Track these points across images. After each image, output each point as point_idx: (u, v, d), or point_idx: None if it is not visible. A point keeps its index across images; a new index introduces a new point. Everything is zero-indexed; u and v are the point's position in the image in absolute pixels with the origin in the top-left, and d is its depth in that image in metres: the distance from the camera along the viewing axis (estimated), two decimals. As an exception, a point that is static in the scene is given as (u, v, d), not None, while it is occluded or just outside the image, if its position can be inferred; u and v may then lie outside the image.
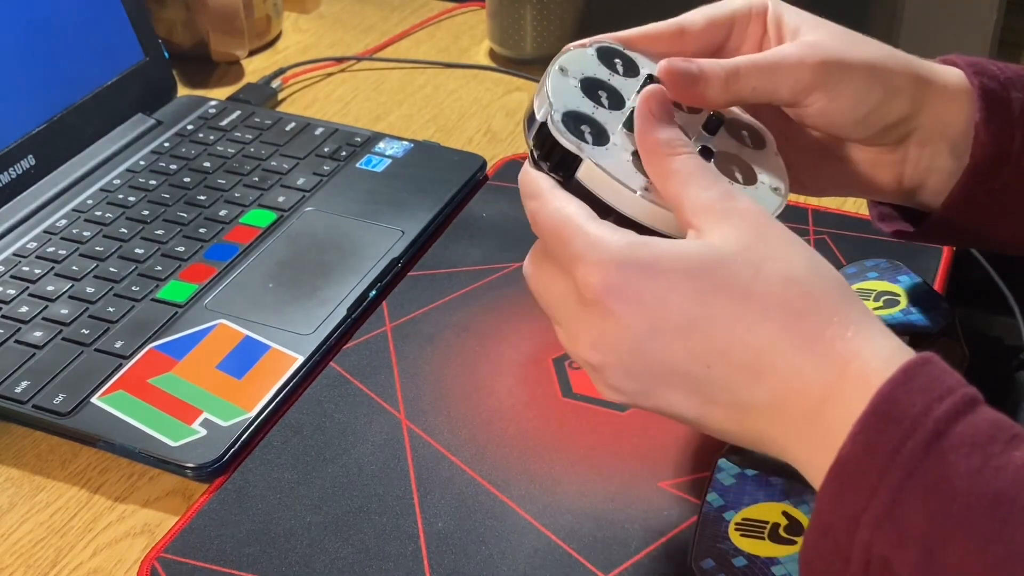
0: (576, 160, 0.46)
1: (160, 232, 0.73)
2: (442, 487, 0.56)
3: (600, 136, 0.46)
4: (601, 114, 0.48)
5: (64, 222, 0.74)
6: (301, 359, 0.63)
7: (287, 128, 0.84)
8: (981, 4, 1.54)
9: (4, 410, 0.60)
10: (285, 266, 0.70)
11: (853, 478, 0.38)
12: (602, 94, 0.49)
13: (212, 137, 0.83)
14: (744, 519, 0.51)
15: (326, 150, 0.82)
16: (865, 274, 0.63)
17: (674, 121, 0.47)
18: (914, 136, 0.52)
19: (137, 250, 0.71)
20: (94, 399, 0.60)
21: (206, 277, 0.69)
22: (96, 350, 0.63)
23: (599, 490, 0.55)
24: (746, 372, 0.41)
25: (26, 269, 0.70)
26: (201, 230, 0.73)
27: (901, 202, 0.56)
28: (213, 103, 0.88)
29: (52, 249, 0.72)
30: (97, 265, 0.70)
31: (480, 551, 0.52)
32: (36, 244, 0.72)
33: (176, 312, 0.66)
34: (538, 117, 0.47)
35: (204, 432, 0.58)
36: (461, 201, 0.77)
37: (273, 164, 0.80)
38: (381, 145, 0.83)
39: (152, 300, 0.67)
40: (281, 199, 0.76)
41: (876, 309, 0.60)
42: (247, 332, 0.65)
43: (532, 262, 0.47)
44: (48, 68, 0.78)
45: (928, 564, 0.37)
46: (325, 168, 0.80)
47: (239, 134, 0.83)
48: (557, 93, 0.47)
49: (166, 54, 0.88)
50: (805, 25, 0.52)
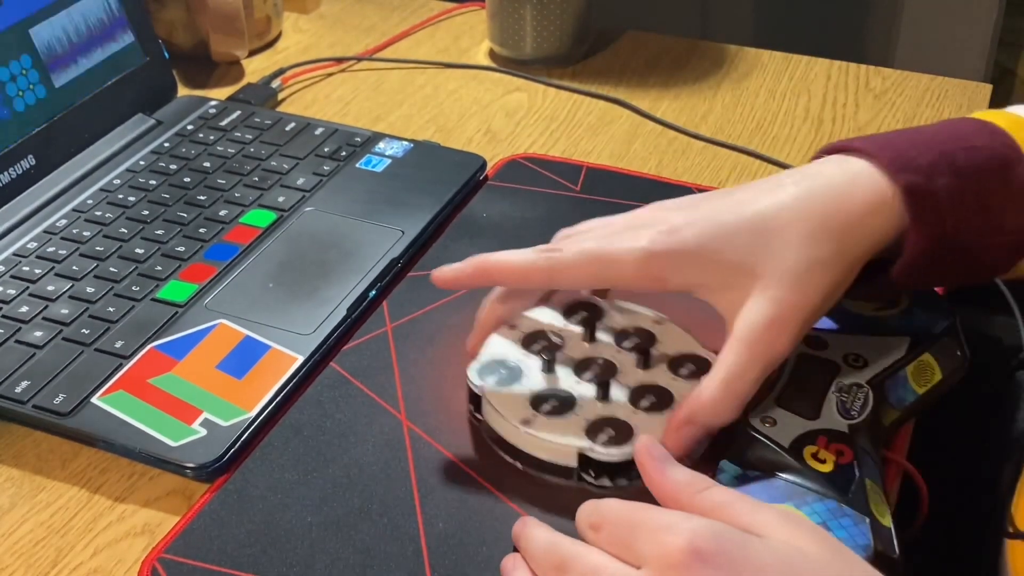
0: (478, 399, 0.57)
1: (160, 232, 0.73)
2: (443, 488, 0.56)
3: (513, 376, 0.57)
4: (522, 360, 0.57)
5: (64, 222, 0.74)
6: (301, 359, 0.63)
7: (287, 128, 0.84)
8: (981, 4, 1.54)
9: (4, 410, 0.60)
10: (285, 266, 0.70)
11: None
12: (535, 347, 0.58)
13: (212, 137, 0.83)
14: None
15: (326, 150, 0.82)
16: (866, 274, 0.63)
17: (675, 464, 0.50)
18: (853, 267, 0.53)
19: (137, 250, 0.71)
20: (94, 399, 0.60)
21: (206, 277, 0.69)
22: (96, 350, 0.63)
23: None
24: None
25: (26, 269, 0.70)
26: (201, 230, 0.73)
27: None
28: (213, 103, 0.88)
29: (52, 249, 0.72)
30: (97, 265, 0.70)
31: (481, 552, 0.52)
32: (36, 244, 0.72)
33: (176, 312, 0.66)
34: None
35: (204, 432, 0.58)
36: (461, 201, 0.77)
37: (273, 164, 0.80)
38: (381, 145, 0.83)
39: (152, 300, 0.67)
40: (281, 199, 0.76)
41: (877, 310, 0.60)
42: (247, 332, 0.65)
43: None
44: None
45: None
46: (325, 168, 0.80)
47: (239, 134, 0.83)
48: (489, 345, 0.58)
49: (166, 54, 0.88)
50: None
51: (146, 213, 0.75)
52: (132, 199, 0.76)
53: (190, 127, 0.84)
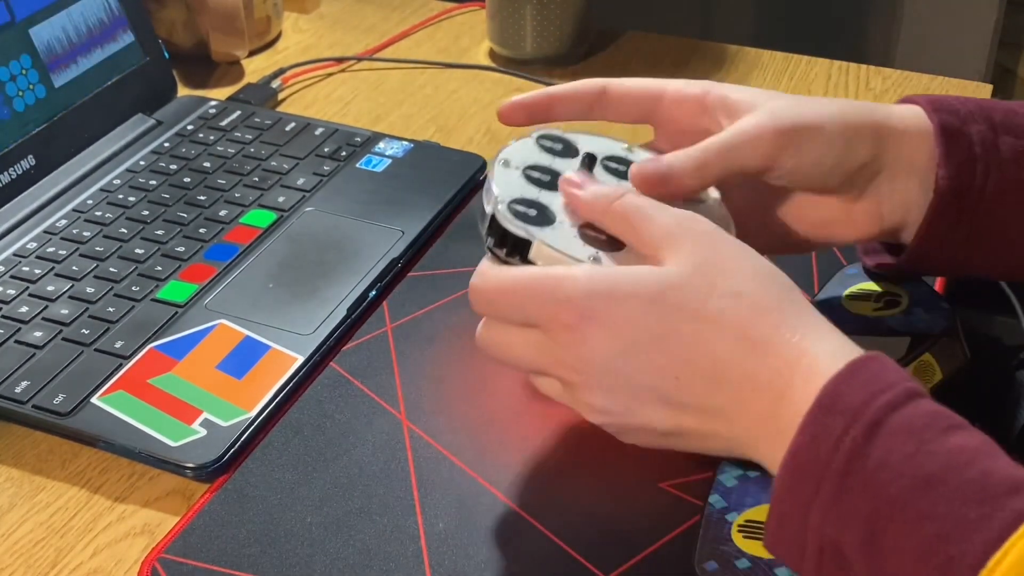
0: (526, 243, 0.50)
1: (160, 232, 0.73)
2: (443, 488, 0.56)
3: (546, 217, 0.51)
4: (545, 196, 0.52)
5: (64, 222, 0.74)
6: (301, 359, 0.63)
7: (287, 128, 0.84)
8: (981, 4, 1.54)
9: (4, 410, 0.60)
10: (285, 266, 0.70)
11: (803, 468, 0.42)
12: (545, 177, 0.53)
13: (212, 137, 0.83)
14: (747, 521, 0.51)
15: (326, 150, 0.82)
16: (866, 275, 0.63)
17: (596, 180, 0.51)
18: (883, 176, 0.55)
19: (137, 250, 0.71)
20: (94, 399, 0.60)
21: (206, 277, 0.69)
22: (96, 350, 0.63)
23: (600, 491, 0.55)
24: (708, 381, 0.45)
25: (26, 269, 0.70)
26: (201, 230, 0.73)
27: (887, 240, 0.58)
28: (213, 103, 0.88)
29: (52, 249, 0.72)
30: (97, 265, 0.70)
31: (481, 552, 0.52)
32: (36, 244, 0.72)
33: (176, 312, 0.66)
34: (487, 210, 0.51)
35: (204, 432, 0.58)
36: (461, 201, 0.77)
37: (273, 164, 0.80)
38: (381, 145, 0.82)
39: (152, 300, 0.67)
40: (281, 199, 0.76)
41: (877, 310, 0.60)
42: (247, 332, 0.65)
43: (487, 329, 0.51)
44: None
45: (871, 544, 0.40)
46: (325, 168, 0.80)
47: (239, 134, 0.83)
48: (501, 184, 0.52)
49: (166, 54, 0.88)
50: (754, 99, 0.54)
51: (146, 213, 0.75)
52: (132, 199, 0.76)
53: (190, 127, 0.84)
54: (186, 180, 0.78)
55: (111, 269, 0.70)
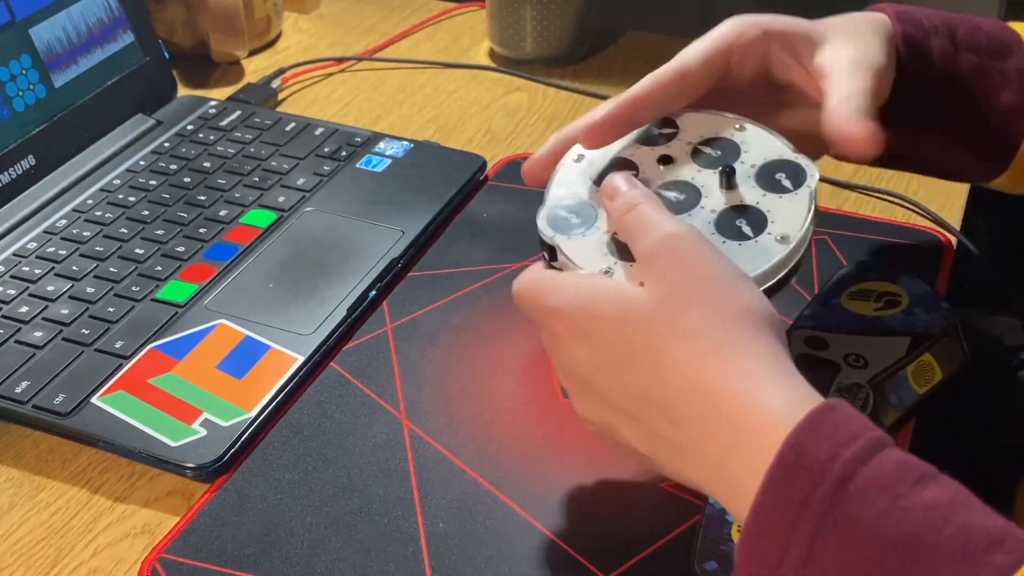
0: (555, 249, 0.50)
1: (160, 232, 0.73)
2: (443, 488, 0.56)
3: (585, 221, 0.51)
4: (598, 196, 0.51)
5: (64, 222, 0.74)
6: (301, 359, 0.63)
7: (287, 128, 0.84)
8: (981, 4, 1.54)
9: (4, 410, 0.60)
10: (285, 266, 0.70)
11: (768, 531, 0.39)
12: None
13: (212, 137, 0.83)
14: (745, 519, 0.51)
15: (326, 150, 0.82)
16: (866, 274, 0.63)
17: (637, 183, 0.50)
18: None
19: (137, 250, 0.71)
20: (94, 399, 0.60)
21: (206, 277, 0.69)
22: (96, 350, 0.63)
23: (600, 490, 0.55)
24: (666, 415, 0.44)
25: (26, 269, 0.70)
26: (201, 230, 0.73)
27: None
28: (213, 103, 0.87)
29: (52, 249, 0.72)
30: (97, 265, 0.70)
31: (481, 552, 0.52)
32: (36, 244, 0.72)
33: (176, 312, 0.66)
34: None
35: (204, 432, 0.58)
36: (461, 201, 0.77)
37: (273, 164, 0.80)
38: (381, 145, 0.82)
39: (152, 300, 0.67)
40: (281, 199, 0.76)
41: (877, 310, 0.60)
42: (247, 332, 0.65)
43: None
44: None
45: None
46: (325, 168, 0.79)
47: (239, 134, 0.83)
48: (557, 184, 0.53)
49: (166, 54, 0.88)
50: (814, 30, 0.55)
51: (146, 213, 0.75)
52: (132, 199, 0.76)
53: (190, 127, 0.84)
54: (186, 180, 0.78)
55: (111, 269, 0.70)
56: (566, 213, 0.51)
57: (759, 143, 0.53)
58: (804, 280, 0.68)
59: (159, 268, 0.70)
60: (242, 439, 0.58)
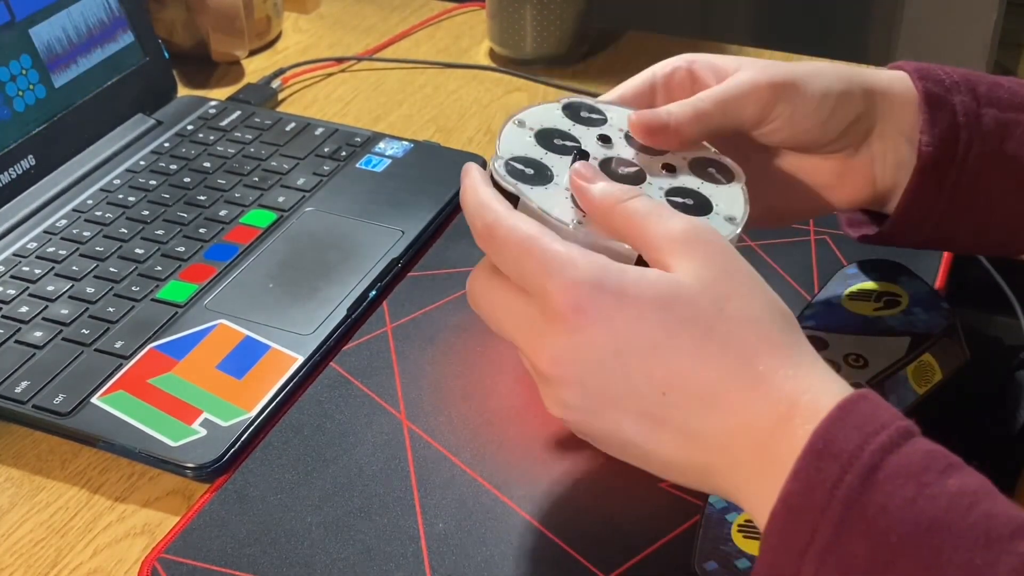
0: (515, 199, 0.49)
1: (160, 232, 0.73)
2: (443, 488, 0.56)
3: (543, 176, 0.50)
4: (550, 158, 0.51)
5: (64, 222, 0.74)
6: (301, 359, 0.63)
7: (287, 128, 0.84)
8: (981, 4, 1.54)
9: (4, 410, 0.60)
10: (285, 266, 0.70)
11: (796, 514, 0.40)
12: (557, 142, 0.52)
13: (212, 137, 0.83)
14: (747, 521, 0.51)
15: (326, 150, 0.82)
16: (866, 275, 0.63)
17: (606, 179, 0.49)
18: (875, 134, 0.55)
19: (137, 250, 0.71)
20: (94, 399, 0.60)
21: (206, 277, 0.69)
22: (96, 350, 0.63)
23: (600, 490, 0.55)
24: (700, 401, 0.43)
25: (26, 269, 0.70)
26: (201, 230, 0.73)
27: (876, 208, 0.58)
28: (213, 103, 0.88)
29: (52, 249, 0.72)
30: (97, 265, 0.70)
31: (481, 552, 0.52)
32: (36, 244, 0.72)
33: (176, 312, 0.66)
34: (488, 165, 0.51)
35: (204, 432, 0.58)
36: (461, 201, 0.77)
37: (273, 164, 0.80)
38: (381, 145, 0.83)
39: (152, 300, 0.67)
40: (281, 199, 0.76)
41: (877, 310, 0.60)
42: (247, 332, 0.65)
43: (480, 279, 0.49)
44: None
45: None
46: (325, 168, 0.80)
47: (239, 134, 0.83)
48: (506, 141, 0.52)
49: (166, 54, 0.88)
50: (740, 62, 0.55)
51: (146, 213, 0.75)
52: (132, 199, 0.76)
53: (190, 127, 0.84)
54: (186, 180, 0.78)
55: (111, 269, 0.70)
56: (521, 166, 0.50)
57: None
58: (804, 280, 0.68)
59: (159, 268, 0.70)
60: (242, 439, 0.58)
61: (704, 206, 0.51)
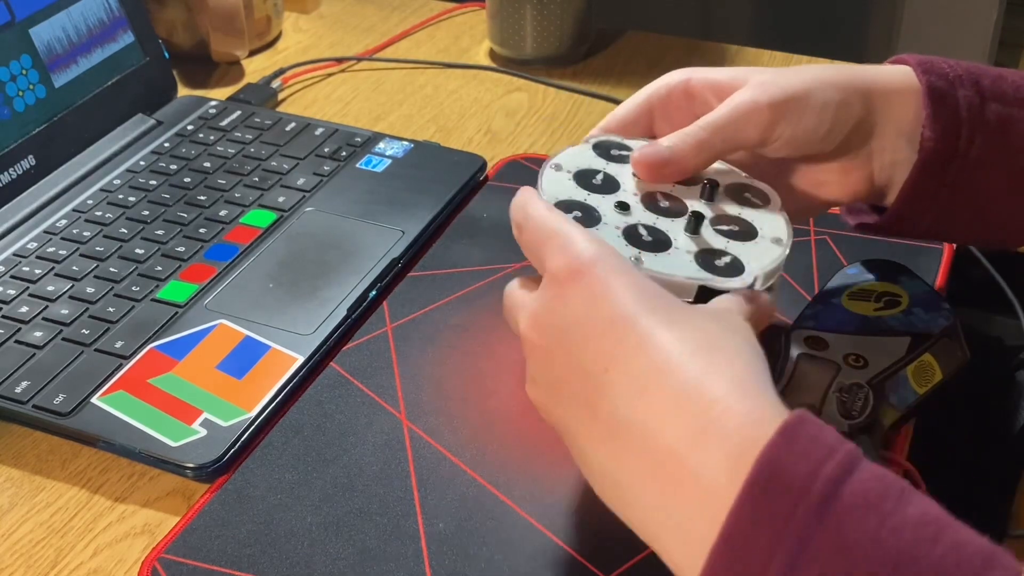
0: None
1: (160, 232, 0.73)
2: (443, 488, 0.56)
3: (591, 218, 0.51)
4: (593, 199, 0.52)
5: (64, 222, 0.74)
6: (301, 359, 0.63)
7: (287, 128, 0.84)
8: (981, 4, 1.54)
9: (4, 410, 0.60)
10: (285, 266, 0.70)
11: (742, 558, 0.36)
12: (596, 181, 0.53)
13: (212, 137, 0.83)
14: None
15: (326, 150, 0.82)
16: (866, 274, 0.63)
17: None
18: (874, 135, 0.55)
19: (137, 250, 0.71)
20: (94, 399, 0.60)
21: (206, 277, 0.69)
22: (96, 350, 0.63)
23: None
24: (636, 383, 0.41)
25: (26, 269, 0.70)
26: (201, 230, 0.73)
27: (874, 201, 0.58)
28: (213, 103, 0.88)
29: (52, 249, 0.72)
30: (97, 265, 0.70)
31: (481, 552, 0.52)
32: (36, 244, 0.72)
33: (176, 312, 0.66)
34: None
35: (204, 432, 0.58)
36: (461, 201, 0.77)
37: (273, 164, 0.80)
38: (381, 145, 0.83)
39: (152, 300, 0.67)
40: (281, 199, 0.76)
41: (877, 310, 0.60)
42: (247, 332, 0.65)
43: (514, 285, 0.50)
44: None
45: None
46: (325, 168, 0.80)
47: (239, 134, 0.83)
48: (548, 186, 0.52)
49: (166, 54, 0.88)
50: (739, 76, 0.55)
51: (146, 213, 0.75)
52: (132, 199, 0.76)
53: (190, 127, 0.84)
54: (186, 180, 0.78)
55: (111, 269, 0.70)
56: (567, 210, 0.51)
57: (719, 171, 0.56)
58: (804, 280, 0.68)
59: (159, 268, 0.70)
60: (242, 439, 0.58)
61: (750, 232, 0.52)
